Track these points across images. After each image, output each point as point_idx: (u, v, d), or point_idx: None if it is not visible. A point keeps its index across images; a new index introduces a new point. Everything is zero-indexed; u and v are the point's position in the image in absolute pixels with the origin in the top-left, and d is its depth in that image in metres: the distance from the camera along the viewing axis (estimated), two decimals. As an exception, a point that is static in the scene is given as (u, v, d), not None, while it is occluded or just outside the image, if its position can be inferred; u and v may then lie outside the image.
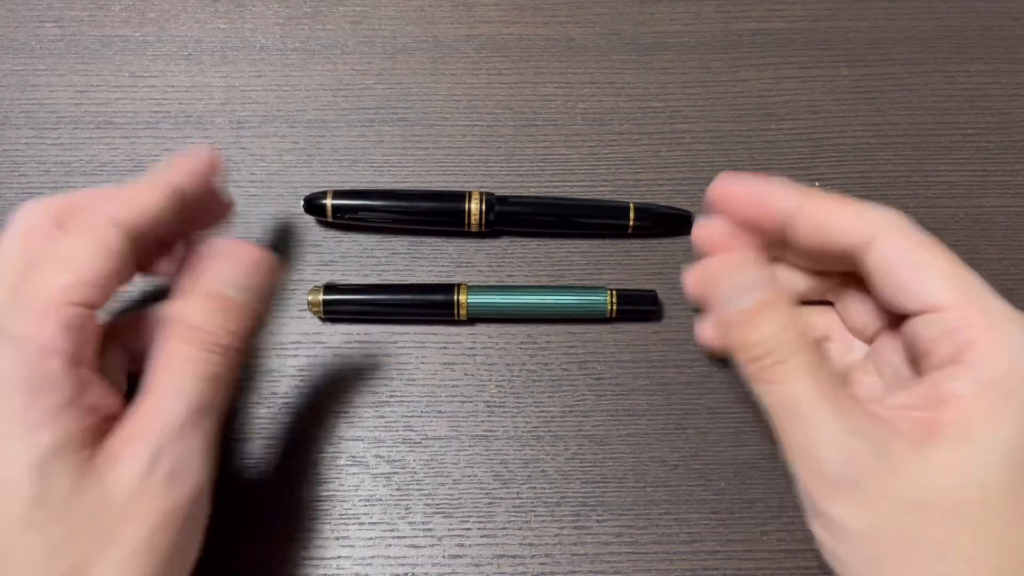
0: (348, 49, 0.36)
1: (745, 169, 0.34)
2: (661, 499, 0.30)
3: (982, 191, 0.34)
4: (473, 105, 0.35)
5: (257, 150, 0.34)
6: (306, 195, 0.32)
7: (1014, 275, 0.33)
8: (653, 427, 0.31)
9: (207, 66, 0.36)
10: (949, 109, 0.36)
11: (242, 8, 0.37)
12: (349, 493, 0.30)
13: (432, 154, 0.34)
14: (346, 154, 0.34)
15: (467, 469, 0.30)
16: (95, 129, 0.35)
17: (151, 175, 0.25)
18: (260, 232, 0.33)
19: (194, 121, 0.35)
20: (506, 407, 0.31)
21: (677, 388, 0.31)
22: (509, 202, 0.32)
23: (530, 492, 0.30)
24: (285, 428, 0.31)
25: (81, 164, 0.34)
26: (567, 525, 0.30)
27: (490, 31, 0.37)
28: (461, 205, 0.32)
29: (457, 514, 0.30)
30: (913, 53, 0.36)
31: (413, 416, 0.31)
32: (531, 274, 0.33)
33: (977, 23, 0.37)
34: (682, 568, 0.29)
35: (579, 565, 0.29)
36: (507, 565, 0.29)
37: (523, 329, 0.32)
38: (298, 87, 0.35)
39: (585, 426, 0.31)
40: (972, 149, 0.35)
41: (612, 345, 0.32)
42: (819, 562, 0.29)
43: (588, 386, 0.31)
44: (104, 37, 0.36)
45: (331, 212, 0.32)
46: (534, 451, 0.30)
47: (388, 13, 0.37)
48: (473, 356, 0.32)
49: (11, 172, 0.34)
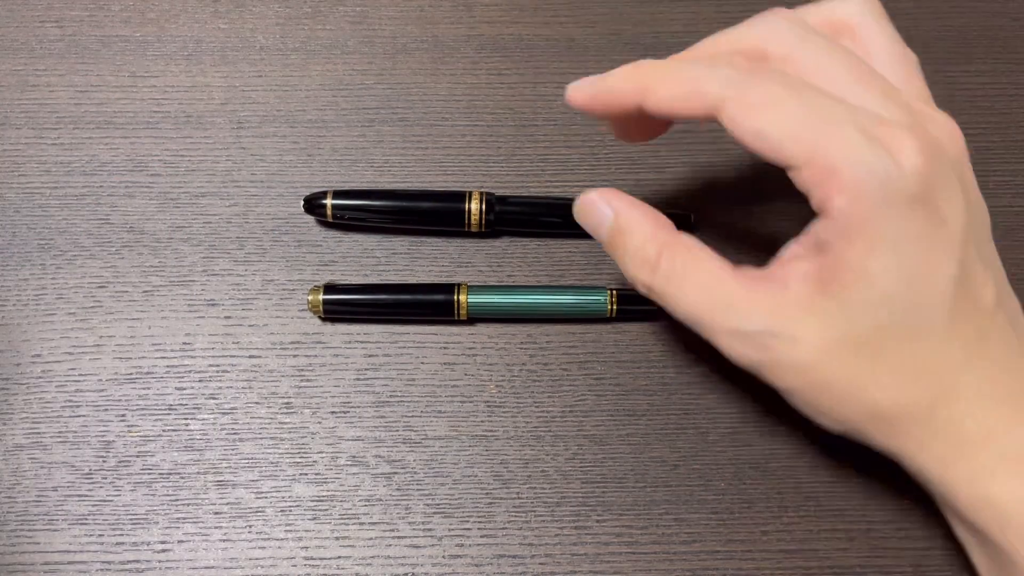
0: (348, 49, 0.36)
1: (746, 169, 0.34)
2: (661, 499, 0.30)
3: (983, 191, 0.34)
4: (473, 105, 0.35)
5: (257, 150, 0.34)
6: (306, 195, 0.32)
7: (1014, 275, 0.33)
8: (653, 427, 0.31)
9: (207, 66, 0.36)
10: (949, 109, 0.35)
11: (242, 8, 0.37)
12: (349, 493, 0.30)
13: (432, 154, 0.34)
14: (346, 154, 0.34)
15: (467, 469, 0.30)
16: (95, 129, 0.35)
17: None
18: (260, 232, 0.33)
19: (194, 121, 0.35)
20: (506, 407, 0.31)
21: (677, 388, 0.31)
22: (509, 202, 0.32)
23: (530, 492, 0.30)
24: (285, 428, 0.31)
25: (81, 164, 0.34)
26: (567, 525, 0.30)
27: (490, 31, 0.37)
28: (461, 205, 0.32)
29: (457, 514, 0.30)
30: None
31: (413, 416, 0.31)
32: (531, 274, 0.33)
33: (977, 23, 0.37)
34: (682, 568, 0.29)
35: (579, 565, 0.29)
36: (507, 565, 0.29)
37: (523, 329, 0.32)
38: (298, 87, 0.35)
39: (585, 426, 0.31)
40: (972, 149, 0.35)
41: (612, 345, 0.32)
42: (819, 562, 0.29)
43: (588, 386, 0.31)
44: (104, 37, 0.36)
45: (331, 212, 0.32)
46: (534, 451, 0.30)
47: (388, 13, 0.37)
48: (473, 356, 0.32)
49: (11, 172, 0.34)
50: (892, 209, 0.22)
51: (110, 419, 0.31)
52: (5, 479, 0.30)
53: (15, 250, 0.33)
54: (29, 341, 0.31)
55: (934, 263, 0.23)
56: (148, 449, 0.30)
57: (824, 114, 0.23)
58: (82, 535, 0.29)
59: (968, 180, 0.25)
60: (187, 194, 0.34)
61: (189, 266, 0.33)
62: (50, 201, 0.33)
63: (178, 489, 0.30)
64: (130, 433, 0.30)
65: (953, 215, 0.23)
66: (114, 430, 0.30)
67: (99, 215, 0.33)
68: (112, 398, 0.31)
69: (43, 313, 0.32)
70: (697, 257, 0.25)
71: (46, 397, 0.31)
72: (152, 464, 0.30)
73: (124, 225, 0.33)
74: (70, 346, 0.31)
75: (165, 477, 0.30)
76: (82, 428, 0.30)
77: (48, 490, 0.30)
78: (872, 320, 0.23)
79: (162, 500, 0.30)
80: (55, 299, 0.32)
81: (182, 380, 0.31)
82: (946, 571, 0.29)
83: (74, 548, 0.29)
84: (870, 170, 0.22)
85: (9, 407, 0.31)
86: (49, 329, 0.32)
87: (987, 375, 0.24)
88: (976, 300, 0.24)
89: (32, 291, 0.32)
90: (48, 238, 0.33)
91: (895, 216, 0.22)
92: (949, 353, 0.24)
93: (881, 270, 0.23)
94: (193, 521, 0.29)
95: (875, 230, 0.23)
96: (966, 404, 0.24)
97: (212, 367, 0.31)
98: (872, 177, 0.22)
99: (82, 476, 0.30)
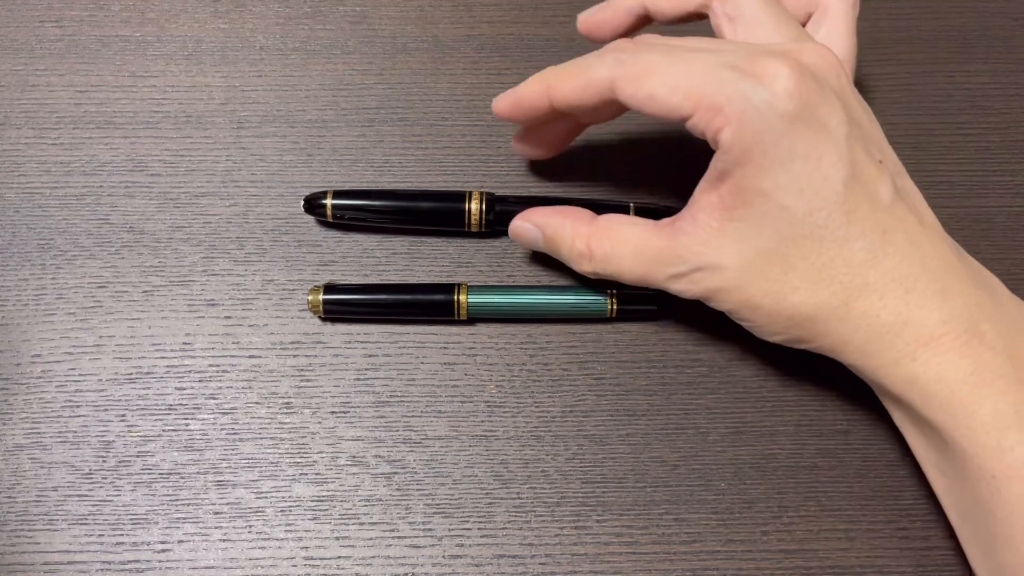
0: (348, 49, 0.36)
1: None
2: (661, 499, 0.30)
3: (982, 191, 0.34)
4: (473, 105, 0.35)
5: (257, 150, 0.34)
6: (306, 195, 0.32)
7: (1014, 275, 0.33)
8: (653, 427, 0.31)
9: (207, 66, 0.36)
10: (949, 109, 0.36)
11: (242, 8, 0.37)
12: (349, 493, 0.30)
13: (432, 154, 0.34)
14: (346, 154, 0.34)
15: (467, 469, 0.30)
16: (95, 129, 0.35)
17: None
18: (260, 232, 0.33)
19: (194, 121, 0.35)
20: (506, 407, 0.31)
21: (677, 388, 0.31)
22: (509, 202, 0.32)
23: (530, 492, 0.30)
24: (285, 428, 0.31)
25: (81, 164, 0.34)
26: (567, 525, 0.30)
27: (490, 31, 0.37)
28: (461, 205, 0.32)
29: (457, 514, 0.30)
30: (913, 53, 0.36)
31: (413, 416, 0.31)
32: (531, 274, 0.33)
33: (977, 23, 0.37)
34: (682, 568, 0.29)
35: (579, 565, 0.29)
36: (507, 565, 0.29)
37: (523, 329, 0.32)
38: (298, 87, 0.35)
39: (585, 426, 0.31)
40: (972, 149, 0.35)
41: (612, 345, 0.32)
42: (819, 562, 0.29)
43: (588, 386, 0.31)
44: (104, 37, 0.36)
45: (331, 212, 0.32)
46: (534, 451, 0.30)
47: (388, 13, 0.37)
48: (473, 356, 0.32)
49: (11, 172, 0.34)
50: (774, 129, 0.25)
51: (110, 419, 0.31)
52: (5, 479, 0.30)
53: (15, 250, 0.33)
54: (29, 341, 0.31)
55: (822, 169, 0.25)
56: (148, 449, 0.30)
57: (699, 65, 0.25)
58: (82, 535, 0.29)
59: (848, 94, 0.27)
60: (187, 194, 0.34)
61: (189, 266, 0.33)
62: (50, 201, 0.33)
63: (178, 489, 0.30)
64: (130, 433, 0.30)
65: (834, 123, 0.25)
66: (114, 430, 0.30)
67: (99, 215, 0.33)
68: (112, 398, 0.31)
69: (43, 313, 0.32)
70: (619, 232, 0.28)
71: (46, 397, 0.31)
72: (152, 464, 0.30)
73: (124, 225, 0.33)
74: (70, 346, 0.31)
75: (165, 477, 0.30)
76: (82, 428, 0.30)
77: (48, 490, 0.30)
78: (775, 232, 0.26)
79: (162, 500, 0.30)
80: (55, 299, 0.32)
81: (182, 380, 0.31)
82: (946, 571, 0.29)
83: (74, 548, 0.29)
84: (747, 99, 0.25)
85: (9, 407, 0.31)
86: (49, 329, 0.32)
87: (893, 268, 0.26)
88: (872, 197, 0.26)
89: (32, 291, 0.32)
90: (48, 238, 0.33)
91: (778, 134, 0.25)
92: (852, 252, 0.26)
93: (773, 185, 0.25)
94: (193, 521, 0.29)
95: (762, 151, 0.25)
96: (878, 297, 0.26)
97: (212, 367, 0.31)
98: (750, 105, 0.25)
99: (82, 476, 0.30)
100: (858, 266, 0.26)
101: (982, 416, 0.24)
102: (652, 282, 0.28)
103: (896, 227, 0.26)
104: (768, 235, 0.26)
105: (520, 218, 0.31)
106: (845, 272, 0.26)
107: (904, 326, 0.25)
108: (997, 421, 0.24)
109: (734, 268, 0.26)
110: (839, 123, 0.25)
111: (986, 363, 0.25)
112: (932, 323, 0.25)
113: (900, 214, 0.26)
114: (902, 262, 0.26)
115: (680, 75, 0.25)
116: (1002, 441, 0.24)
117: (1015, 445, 0.24)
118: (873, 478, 0.30)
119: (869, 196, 0.26)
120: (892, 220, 0.26)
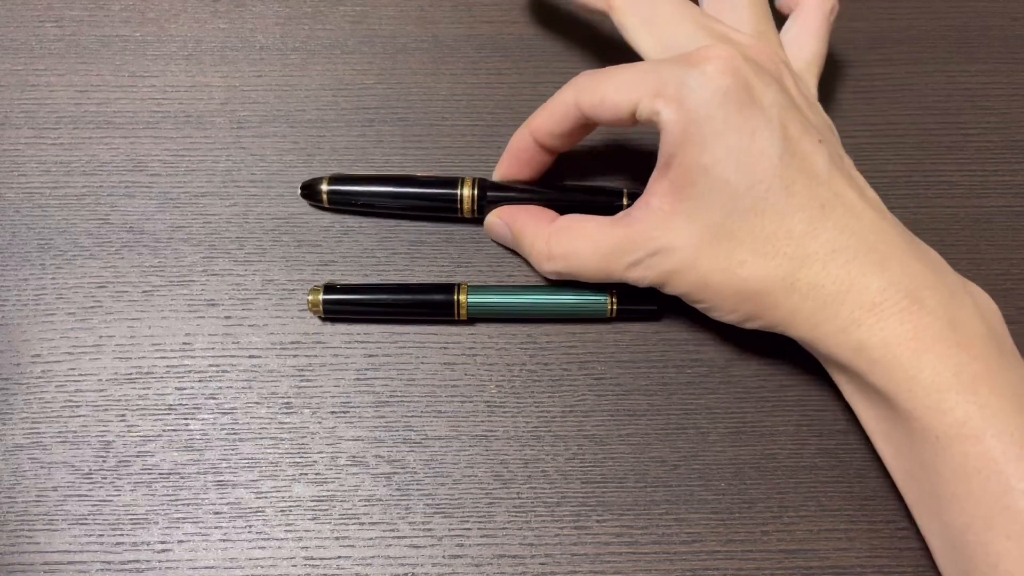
0: (348, 49, 0.36)
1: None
2: (661, 499, 0.30)
3: (983, 191, 0.34)
4: (473, 105, 0.35)
5: (257, 150, 0.34)
6: (303, 181, 0.32)
7: (1014, 275, 0.33)
8: (653, 427, 0.31)
9: (207, 66, 0.36)
10: (949, 109, 0.36)
11: (242, 8, 0.37)
12: (349, 493, 0.30)
13: (432, 154, 0.34)
14: (346, 154, 0.34)
15: (467, 469, 0.30)
16: (95, 129, 0.35)
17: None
18: (260, 232, 0.33)
19: (194, 121, 0.35)
20: (506, 407, 0.31)
21: (677, 388, 0.31)
22: (502, 188, 0.32)
23: (530, 492, 0.30)
24: (285, 428, 0.31)
25: (81, 164, 0.34)
26: (567, 525, 0.30)
27: (490, 31, 0.37)
28: (454, 191, 0.32)
29: (457, 514, 0.30)
30: (913, 53, 0.36)
31: (413, 416, 0.31)
32: (531, 274, 0.33)
33: (977, 23, 0.37)
34: (682, 568, 0.29)
35: (579, 565, 0.29)
36: (507, 565, 0.29)
37: (523, 329, 0.32)
38: (298, 87, 0.35)
39: (585, 426, 0.31)
40: (972, 149, 0.35)
41: (612, 345, 0.32)
42: (819, 562, 0.29)
43: (588, 386, 0.31)
44: (104, 37, 0.36)
45: (327, 197, 0.32)
46: (534, 451, 0.30)
47: (388, 13, 0.37)
48: (473, 356, 0.32)
49: (11, 172, 0.34)
50: (708, 103, 0.26)
51: (110, 419, 0.31)
52: (5, 479, 0.30)
53: (15, 250, 0.33)
54: (29, 341, 0.31)
55: (757, 143, 0.26)
56: (148, 449, 0.30)
57: (645, 66, 0.28)
58: (82, 535, 0.29)
59: (782, 75, 0.29)
60: (187, 194, 0.34)
61: (189, 266, 0.33)
62: (50, 201, 0.33)
63: (178, 489, 0.30)
64: (131, 434, 0.30)
65: (768, 101, 0.27)
66: (114, 430, 0.30)
67: (99, 215, 0.33)
68: (112, 398, 0.31)
69: (43, 313, 0.32)
70: (576, 229, 0.30)
71: (46, 397, 0.31)
72: (152, 464, 0.30)
73: (124, 225, 0.33)
74: (70, 346, 0.31)
75: (165, 477, 0.30)
76: (82, 428, 0.30)
77: (48, 490, 0.30)
78: (720, 207, 0.27)
79: (162, 500, 0.30)
80: (55, 299, 0.32)
81: (182, 380, 0.31)
82: (946, 571, 0.29)
83: (74, 548, 0.29)
84: (683, 81, 0.26)
85: (9, 407, 0.31)
86: (49, 329, 0.32)
87: (832, 239, 0.27)
88: (809, 172, 0.27)
89: (32, 291, 0.32)
90: (48, 238, 0.33)
91: (714, 114, 0.26)
92: (793, 224, 0.27)
93: (713, 161, 0.26)
94: (193, 521, 0.29)
95: (700, 130, 0.26)
96: (821, 267, 0.27)
97: (212, 367, 0.31)
98: (686, 88, 0.26)
99: (82, 476, 0.30)
100: (800, 237, 0.27)
101: (923, 379, 0.25)
102: (611, 273, 0.29)
103: (834, 201, 0.27)
104: (714, 210, 0.27)
105: (493, 214, 0.32)
106: (788, 243, 0.27)
107: (847, 294, 0.26)
108: (937, 383, 0.25)
109: (686, 247, 0.27)
110: (772, 101, 0.27)
111: (926, 327, 0.26)
112: (873, 290, 0.26)
113: (838, 189, 0.27)
114: (841, 234, 0.27)
115: (627, 76, 0.28)
116: (941, 402, 0.25)
117: (954, 406, 0.25)
118: (873, 478, 0.30)
119: (805, 170, 0.27)
120: (829, 194, 0.27)
